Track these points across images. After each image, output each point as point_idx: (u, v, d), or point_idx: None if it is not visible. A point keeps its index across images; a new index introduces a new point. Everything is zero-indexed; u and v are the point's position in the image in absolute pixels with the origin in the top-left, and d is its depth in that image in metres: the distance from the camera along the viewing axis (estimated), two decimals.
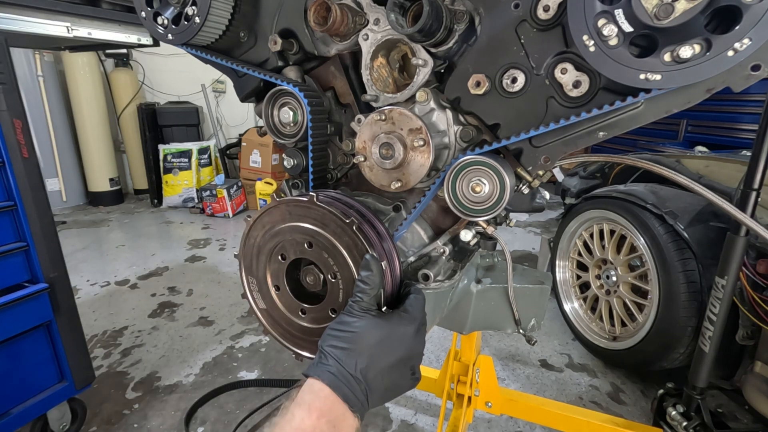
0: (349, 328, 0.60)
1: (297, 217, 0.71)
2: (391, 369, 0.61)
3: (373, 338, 0.59)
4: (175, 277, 3.54)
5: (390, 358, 0.60)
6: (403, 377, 0.63)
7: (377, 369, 0.59)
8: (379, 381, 0.60)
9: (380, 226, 0.72)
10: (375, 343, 0.59)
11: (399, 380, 0.63)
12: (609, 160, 1.01)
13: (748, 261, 1.64)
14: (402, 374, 0.63)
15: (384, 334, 0.60)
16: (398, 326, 0.62)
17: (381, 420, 2.01)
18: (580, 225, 2.56)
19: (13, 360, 1.60)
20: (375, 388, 0.59)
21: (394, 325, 0.61)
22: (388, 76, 0.80)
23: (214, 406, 2.11)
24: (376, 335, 0.59)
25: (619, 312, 2.31)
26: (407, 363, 0.63)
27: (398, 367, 0.62)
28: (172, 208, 5.58)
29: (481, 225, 0.82)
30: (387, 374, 0.61)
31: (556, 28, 0.63)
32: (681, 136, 4.63)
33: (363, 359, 0.58)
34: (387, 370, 0.60)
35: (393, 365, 0.61)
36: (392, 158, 0.73)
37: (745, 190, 1.45)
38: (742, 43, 0.48)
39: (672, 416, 1.67)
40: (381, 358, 0.60)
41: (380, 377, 0.60)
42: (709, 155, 2.74)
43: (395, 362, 0.61)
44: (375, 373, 0.59)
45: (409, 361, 0.63)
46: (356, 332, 0.59)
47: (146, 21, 0.82)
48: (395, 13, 0.67)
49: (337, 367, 0.57)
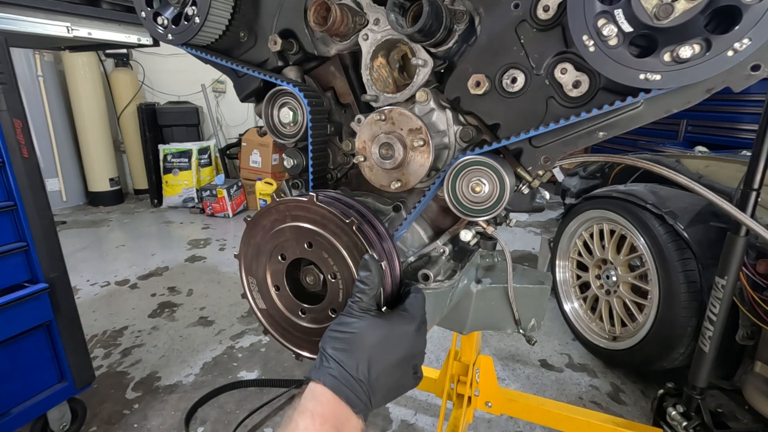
0: (350, 329, 0.59)
1: (297, 218, 0.71)
2: (393, 369, 0.61)
3: (374, 338, 0.59)
4: (175, 277, 3.54)
5: (391, 357, 0.60)
6: (405, 376, 0.63)
7: (379, 369, 0.59)
8: (381, 381, 0.59)
9: (380, 226, 0.72)
10: (376, 344, 0.59)
11: (401, 379, 0.63)
12: (609, 160, 1.02)
13: (748, 261, 1.64)
14: (404, 373, 0.63)
15: (384, 334, 0.60)
16: (398, 326, 0.61)
17: (381, 420, 2.01)
18: (580, 225, 2.56)
19: (13, 360, 1.60)
20: (377, 388, 0.59)
21: (395, 324, 0.61)
22: (388, 76, 0.80)
23: (214, 406, 2.11)
24: (377, 335, 0.59)
25: (619, 312, 2.31)
26: (409, 362, 0.63)
27: (400, 366, 0.62)
28: (172, 208, 5.58)
29: (481, 225, 0.82)
30: (389, 374, 0.60)
31: (556, 28, 0.63)
32: (681, 136, 4.63)
33: (364, 360, 0.58)
34: (389, 370, 0.60)
35: (395, 365, 0.61)
36: (392, 158, 0.73)
37: (745, 190, 1.45)
38: (741, 43, 0.48)
39: (672, 416, 1.67)
40: (382, 358, 0.59)
41: (382, 377, 0.59)
42: (709, 155, 2.74)
43: (397, 362, 0.61)
44: (377, 373, 0.59)
45: (412, 360, 0.63)
46: (356, 333, 0.59)
47: (146, 21, 0.82)
48: (395, 13, 0.67)
49: (339, 370, 0.57)
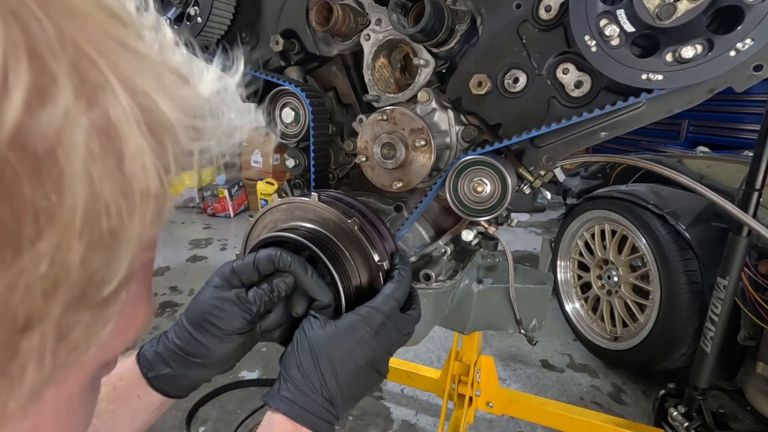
0: (304, 346, 0.56)
1: (298, 218, 0.71)
2: (355, 376, 0.57)
3: (329, 351, 0.56)
4: (177, 277, 3.54)
5: (351, 366, 0.56)
6: (369, 379, 0.59)
7: (339, 382, 0.55)
8: (344, 392, 0.56)
9: (382, 226, 0.72)
10: (332, 357, 0.55)
11: (365, 383, 0.59)
12: (610, 160, 1.02)
13: (749, 261, 1.64)
14: (367, 377, 0.59)
15: (339, 344, 0.56)
16: (352, 333, 0.57)
17: (382, 420, 2.01)
18: (581, 225, 2.56)
19: None
20: (341, 400, 0.56)
21: (347, 333, 0.57)
22: (390, 76, 0.80)
23: (216, 405, 2.11)
24: (332, 348, 0.56)
25: (621, 312, 2.30)
26: (372, 365, 0.59)
27: (363, 371, 0.58)
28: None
29: (482, 225, 0.82)
30: (352, 383, 0.57)
31: (558, 28, 0.63)
32: (683, 137, 4.63)
33: (322, 376, 0.55)
34: (351, 379, 0.56)
35: (355, 372, 0.57)
36: (394, 158, 0.73)
37: (747, 191, 1.45)
38: (744, 43, 0.48)
39: (673, 417, 1.67)
40: (341, 369, 0.56)
41: (345, 387, 0.56)
42: (710, 155, 2.74)
43: (357, 369, 0.57)
44: (337, 386, 0.55)
45: (374, 364, 0.59)
46: (314, 346, 0.56)
47: None
48: (397, 14, 0.67)
49: (297, 394, 0.54)
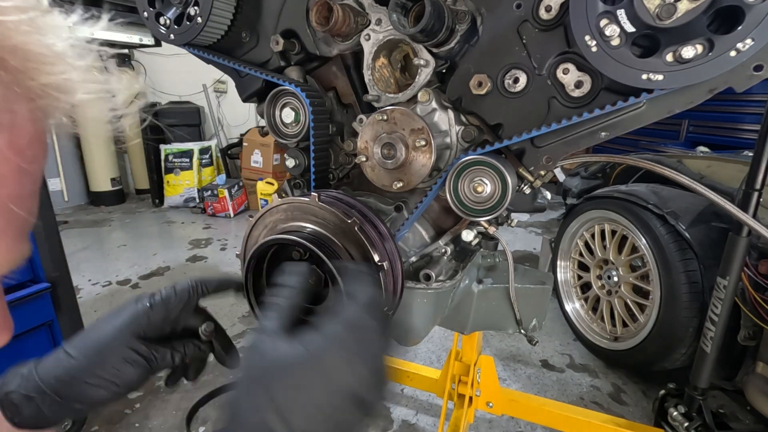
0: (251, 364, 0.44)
1: (299, 218, 0.71)
2: (324, 411, 0.40)
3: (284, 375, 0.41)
4: (177, 277, 3.54)
5: (315, 396, 0.41)
6: (346, 421, 0.42)
7: (301, 419, 0.40)
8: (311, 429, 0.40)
9: (382, 226, 0.72)
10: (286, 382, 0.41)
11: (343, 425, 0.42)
12: (610, 160, 1.02)
13: (749, 261, 1.64)
14: (344, 411, 0.41)
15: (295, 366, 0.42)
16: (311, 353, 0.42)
17: (382, 420, 2.01)
18: (581, 225, 2.56)
19: (14, 359, 1.60)
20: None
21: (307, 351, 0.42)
22: (390, 77, 0.80)
23: (216, 405, 2.10)
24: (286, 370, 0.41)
25: (621, 312, 2.30)
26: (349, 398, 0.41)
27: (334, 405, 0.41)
28: (173, 208, 5.58)
29: (482, 225, 0.82)
30: (319, 420, 0.40)
31: (558, 28, 0.63)
32: (683, 137, 4.62)
33: (271, 410, 0.39)
34: (317, 415, 0.40)
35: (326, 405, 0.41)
36: (394, 158, 0.73)
37: (747, 191, 1.44)
38: (744, 44, 0.48)
39: (673, 417, 1.67)
40: (300, 402, 0.40)
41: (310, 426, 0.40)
42: (710, 155, 2.73)
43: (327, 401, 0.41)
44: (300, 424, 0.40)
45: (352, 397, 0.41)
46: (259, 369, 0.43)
47: (148, 21, 0.82)
48: (397, 14, 0.67)
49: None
